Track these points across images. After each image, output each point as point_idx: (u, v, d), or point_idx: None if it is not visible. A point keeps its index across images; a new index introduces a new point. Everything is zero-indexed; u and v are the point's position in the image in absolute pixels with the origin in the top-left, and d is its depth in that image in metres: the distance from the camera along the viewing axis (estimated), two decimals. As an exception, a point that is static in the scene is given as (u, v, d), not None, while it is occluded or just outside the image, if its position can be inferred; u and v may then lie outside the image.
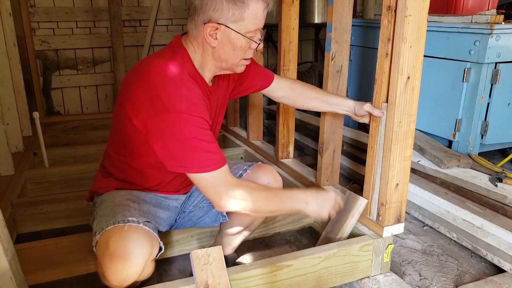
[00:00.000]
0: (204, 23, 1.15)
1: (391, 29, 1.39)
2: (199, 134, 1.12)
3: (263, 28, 1.28)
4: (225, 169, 1.16)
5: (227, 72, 1.30)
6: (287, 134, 2.21)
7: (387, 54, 1.42)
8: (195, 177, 1.14)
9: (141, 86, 1.15)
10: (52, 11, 3.32)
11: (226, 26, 1.15)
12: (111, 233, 1.10)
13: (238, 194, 1.17)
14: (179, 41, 1.25)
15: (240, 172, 1.45)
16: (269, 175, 1.46)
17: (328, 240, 1.63)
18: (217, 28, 1.15)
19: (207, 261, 1.19)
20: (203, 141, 1.12)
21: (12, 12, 2.58)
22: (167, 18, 3.67)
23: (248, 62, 1.28)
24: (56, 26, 3.38)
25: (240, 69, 1.28)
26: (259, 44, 1.24)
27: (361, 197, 1.55)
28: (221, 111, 1.42)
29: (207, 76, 1.27)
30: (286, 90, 1.61)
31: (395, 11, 1.35)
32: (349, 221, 1.55)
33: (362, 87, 3.03)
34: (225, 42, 1.18)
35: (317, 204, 1.30)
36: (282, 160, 2.21)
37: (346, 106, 1.54)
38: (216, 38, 1.17)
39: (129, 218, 1.14)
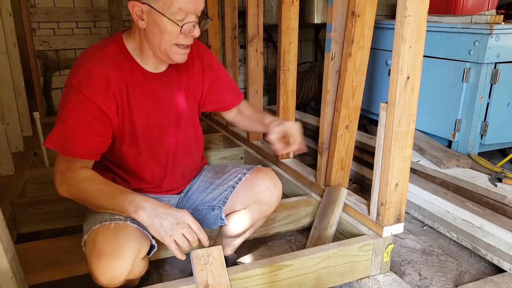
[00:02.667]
0: (129, 1, 1.14)
1: (354, 32, 1.58)
2: (74, 113, 1.12)
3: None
4: (73, 160, 1.13)
5: (167, 61, 1.23)
6: (287, 134, 2.21)
7: (350, 54, 1.61)
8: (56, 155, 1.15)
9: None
10: (52, 11, 3.32)
11: (149, 5, 1.11)
12: (98, 232, 1.08)
13: (69, 181, 1.13)
14: (118, 32, 1.27)
15: (239, 176, 1.41)
16: (268, 180, 1.40)
17: (320, 234, 1.65)
18: (142, 9, 1.13)
19: (207, 261, 1.19)
20: (73, 122, 1.11)
21: (13, 12, 2.58)
22: (167, 18, 3.67)
23: (185, 51, 1.20)
24: (56, 26, 3.38)
25: (177, 58, 1.19)
26: (192, 28, 1.15)
27: (342, 187, 1.68)
28: (173, 107, 1.32)
29: (150, 65, 1.24)
30: (238, 113, 1.55)
31: (359, 16, 1.55)
32: (335, 211, 1.65)
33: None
34: (152, 24, 1.14)
35: (155, 222, 1.06)
36: (282, 160, 2.21)
37: (262, 125, 1.49)
38: (144, 20, 1.14)
39: (116, 217, 1.12)
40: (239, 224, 1.43)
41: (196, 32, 1.18)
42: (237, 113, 1.55)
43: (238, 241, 1.53)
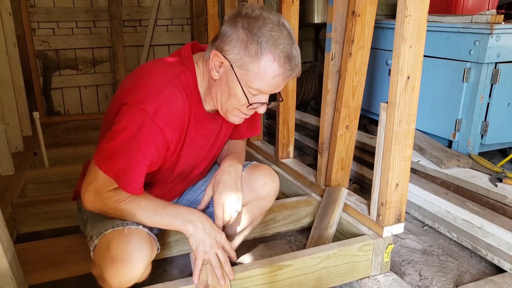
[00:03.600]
0: (215, 49, 1.08)
1: (354, 32, 1.58)
2: (143, 145, 1.04)
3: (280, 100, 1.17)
4: (122, 192, 1.08)
5: (222, 115, 1.19)
6: (287, 134, 2.21)
7: (350, 54, 1.61)
8: (95, 170, 1.07)
9: (129, 79, 1.13)
10: (52, 11, 3.32)
11: (231, 65, 1.06)
12: (111, 237, 1.08)
13: (105, 202, 1.09)
14: (189, 51, 1.16)
15: None
16: (266, 175, 1.39)
17: (320, 234, 1.65)
18: (222, 63, 1.07)
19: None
20: (141, 155, 1.04)
21: (12, 12, 2.58)
22: (167, 18, 3.67)
23: (244, 117, 1.17)
24: (56, 26, 3.38)
25: (233, 119, 1.16)
26: (262, 107, 1.12)
27: (342, 187, 1.67)
28: (214, 145, 1.32)
29: (208, 106, 1.19)
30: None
31: (359, 16, 1.55)
32: (336, 211, 1.65)
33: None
34: (224, 81, 1.09)
35: (200, 235, 1.13)
36: (282, 160, 2.21)
37: None
38: (218, 72, 1.09)
39: (128, 221, 1.13)
40: (238, 221, 1.42)
41: (262, 110, 1.15)
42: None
43: (237, 241, 1.52)
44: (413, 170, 2.14)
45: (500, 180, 1.89)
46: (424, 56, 1.35)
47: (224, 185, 1.24)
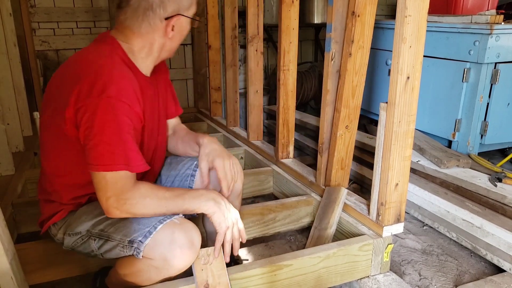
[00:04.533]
0: (166, 18, 1.16)
1: (353, 32, 1.59)
2: (124, 125, 1.07)
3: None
4: (129, 178, 1.09)
5: (163, 59, 1.30)
6: (287, 134, 2.21)
7: (350, 54, 1.62)
8: (102, 176, 1.07)
9: (62, 76, 1.14)
10: (52, 11, 3.32)
11: (183, 15, 1.19)
12: (169, 229, 1.11)
13: (131, 201, 1.09)
14: (105, 34, 1.23)
15: (195, 162, 1.41)
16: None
17: (320, 234, 1.65)
18: (178, 19, 1.19)
19: (207, 261, 1.19)
20: (128, 134, 1.07)
21: (13, 12, 2.58)
22: (167, 18, 3.68)
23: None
24: (56, 26, 3.38)
25: (174, 53, 1.31)
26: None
27: (341, 187, 1.68)
28: (161, 111, 1.36)
29: (146, 68, 1.25)
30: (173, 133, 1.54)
31: (359, 16, 1.56)
32: (335, 211, 1.65)
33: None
34: (179, 31, 1.21)
35: (223, 211, 1.17)
36: (282, 160, 2.21)
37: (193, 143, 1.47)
38: (173, 30, 1.19)
39: (168, 216, 1.15)
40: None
41: (194, 25, 1.29)
42: (172, 133, 1.53)
43: None
44: (413, 170, 2.15)
45: (500, 180, 1.89)
46: (424, 56, 1.36)
47: (217, 153, 1.33)
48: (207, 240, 1.54)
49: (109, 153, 1.06)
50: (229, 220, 1.18)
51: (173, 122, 1.54)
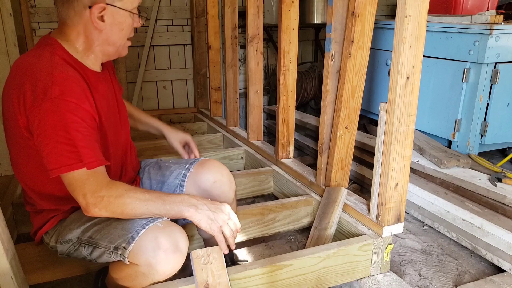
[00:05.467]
0: (89, 7, 1.12)
1: (353, 32, 1.60)
2: (73, 124, 1.04)
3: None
4: (98, 169, 1.08)
5: (113, 57, 1.26)
6: (287, 134, 2.21)
7: (350, 54, 1.62)
8: (67, 177, 1.06)
9: (10, 84, 1.12)
10: (52, 12, 3.32)
11: (112, 5, 1.14)
12: (152, 233, 1.09)
13: (108, 198, 1.07)
14: (47, 36, 1.21)
15: (183, 172, 1.41)
16: (215, 171, 1.41)
17: (320, 234, 1.65)
18: (104, 9, 1.13)
19: (207, 261, 1.19)
20: (77, 132, 1.04)
21: (13, 13, 2.58)
22: (167, 19, 3.68)
23: (130, 43, 1.26)
24: (56, 27, 3.38)
25: (124, 51, 1.26)
26: (140, 19, 1.25)
27: (341, 187, 1.69)
28: (120, 104, 1.36)
29: (93, 64, 1.22)
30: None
31: (359, 16, 1.57)
32: (335, 211, 1.66)
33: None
34: (113, 23, 1.16)
35: (208, 215, 1.13)
36: (282, 160, 2.21)
37: (155, 129, 1.63)
38: (104, 21, 1.15)
39: (151, 219, 1.13)
40: None
41: (140, 23, 1.26)
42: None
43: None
44: (413, 170, 2.15)
45: (500, 180, 1.89)
46: (424, 56, 1.36)
47: (183, 134, 1.62)
48: (205, 246, 1.54)
49: (61, 154, 1.04)
50: (219, 220, 1.14)
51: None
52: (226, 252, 1.17)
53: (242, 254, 1.71)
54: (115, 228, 1.14)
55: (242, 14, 2.53)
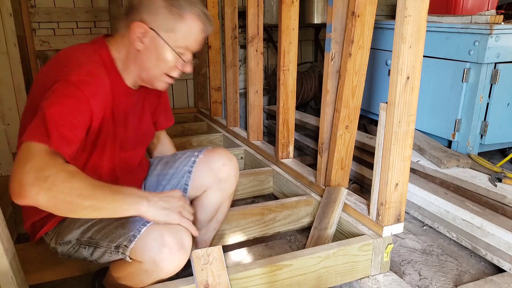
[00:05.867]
0: (135, 21, 1.13)
1: (353, 32, 1.60)
2: (66, 108, 1.00)
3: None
4: (57, 153, 0.98)
5: (147, 85, 1.24)
6: (287, 134, 2.21)
7: (350, 54, 1.62)
8: (28, 146, 0.96)
9: (47, 68, 1.13)
10: (52, 12, 3.32)
11: (156, 32, 1.12)
12: (157, 231, 1.08)
13: (54, 180, 0.93)
14: (100, 37, 1.22)
15: (193, 159, 1.42)
16: (224, 157, 1.41)
17: (320, 234, 1.65)
18: (147, 32, 1.12)
19: (207, 261, 1.19)
20: (66, 117, 0.99)
21: (13, 13, 2.58)
22: (167, 19, 3.68)
23: (171, 81, 1.23)
24: (56, 27, 3.38)
25: (160, 85, 1.22)
26: (188, 65, 1.20)
27: (341, 187, 1.69)
28: (142, 120, 1.34)
29: (129, 80, 1.22)
30: (159, 142, 1.59)
31: (359, 16, 1.56)
32: (335, 211, 1.66)
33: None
34: (151, 49, 1.14)
35: (162, 206, 1.09)
36: (282, 160, 2.21)
37: None
38: (143, 42, 1.14)
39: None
40: (204, 209, 1.43)
41: (189, 69, 1.22)
42: (157, 141, 1.57)
43: (209, 235, 1.51)
44: (413, 170, 2.15)
45: (500, 180, 1.89)
46: (424, 56, 1.36)
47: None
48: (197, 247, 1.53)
49: (37, 128, 0.98)
50: (174, 209, 1.10)
51: (160, 133, 1.57)
52: (197, 234, 1.14)
53: (242, 254, 1.71)
54: (116, 228, 1.13)
55: (242, 14, 2.53)
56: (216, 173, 1.39)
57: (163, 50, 1.14)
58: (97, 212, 1.02)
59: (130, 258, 1.10)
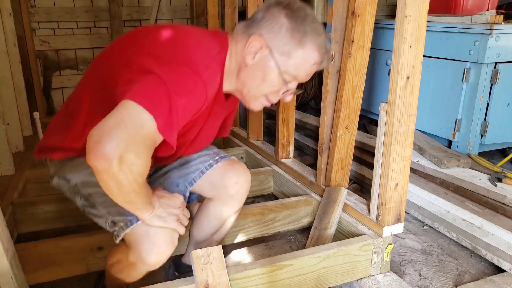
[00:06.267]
0: (254, 34, 1.08)
1: (353, 32, 1.60)
2: (193, 104, 0.97)
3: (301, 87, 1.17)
4: (157, 140, 0.93)
5: (242, 100, 1.21)
6: (287, 134, 2.21)
7: (350, 54, 1.62)
8: (128, 106, 0.89)
9: (161, 39, 1.04)
10: (52, 11, 3.32)
11: (271, 51, 1.07)
12: (153, 228, 1.06)
13: (127, 163, 0.87)
14: (225, 33, 1.15)
15: (210, 162, 1.37)
16: (240, 175, 1.37)
17: (320, 234, 1.65)
18: (262, 48, 1.08)
19: (207, 261, 1.19)
20: (179, 107, 0.94)
21: (13, 12, 2.59)
22: (167, 18, 3.68)
23: (267, 105, 1.18)
24: (56, 26, 3.38)
25: (255, 105, 1.17)
26: (290, 95, 1.16)
27: (342, 187, 1.69)
28: (214, 125, 1.32)
29: (226, 87, 1.16)
30: None
31: (359, 16, 1.56)
32: (335, 211, 1.66)
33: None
34: (259, 66, 1.09)
35: (160, 217, 1.07)
36: (282, 160, 2.21)
37: None
38: (254, 58, 1.09)
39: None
40: (210, 221, 1.42)
41: (289, 99, 1.20)
42: None
43: (212, 245, 1.48)
44: (413, 170, 2.15)
45: (500, 180, 1.89)
46: (424, 56, 1.36)
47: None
48: (190, 243, 1.51)
49: (153, 96, 0.91)
50: (173, 218, 1.08)
51: None
52: (183, 233, 1.12)
53: (242, 254, 1.71)
54: (115, 204, 1.06)
55: (242, 14, 2.53)
56: (227, 188, 1.37)
57: (271, 72, 1.09)
58: (119, 202, 0.99)
59: (121, 240, 1.09)
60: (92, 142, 0.85)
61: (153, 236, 1.07)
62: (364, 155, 2.42)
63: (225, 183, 1.37)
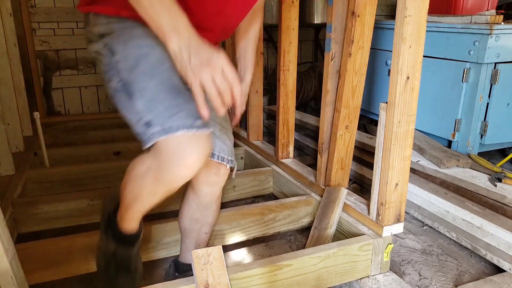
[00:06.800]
0: None
1: (353, 32, 1.59)
2: None
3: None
4: None
5: None
6: (287, 134, 2.21)
7: (350, 54, 1.62)
8: None
9: None
10: (52, 11, 3.32)
11: None
12: (187, 144, 0.92)
13: None
14: None
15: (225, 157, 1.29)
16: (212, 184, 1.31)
17: (320, 234, 1.66)
18: None
19: (207, 261, 1.19)
20: None
21: (13, 12, 2.59)
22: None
23: None
24: (56, 26, 3.38)
25: None
26: None
27: (341, 187, 1.70)
28: None
29: None
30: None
31: (359, 16, 1.55)
32: (336, 211, 1.66)
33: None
34: None
35: (184, 50, 0.87)
36: (282, 160, 2.21)
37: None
38: None
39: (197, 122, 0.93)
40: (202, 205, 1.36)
41: None
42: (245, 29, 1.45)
43: (202, 238, 1.45)
44: (413, 170, 2.15)
45: (500, 180, 1.89)
46: (424, 56, 1.36)
47: None
48: (182, 238, 1.46)
49: None
50: (195, 68, 0.86)
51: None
52: (206, 115, 0.91)
53: (242, 254, 1.71)
54: (162, 101, 0.92)
55: None
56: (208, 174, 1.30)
57: None
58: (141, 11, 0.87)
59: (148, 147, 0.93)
60: None
61: (184, 146, 0.91)
62: (364, 155, 2.42)
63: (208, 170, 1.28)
